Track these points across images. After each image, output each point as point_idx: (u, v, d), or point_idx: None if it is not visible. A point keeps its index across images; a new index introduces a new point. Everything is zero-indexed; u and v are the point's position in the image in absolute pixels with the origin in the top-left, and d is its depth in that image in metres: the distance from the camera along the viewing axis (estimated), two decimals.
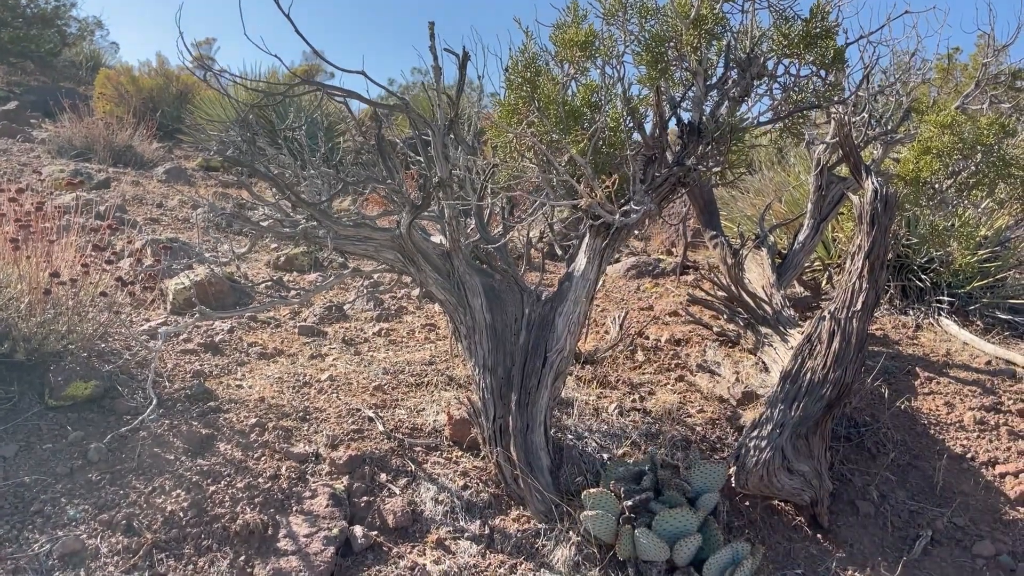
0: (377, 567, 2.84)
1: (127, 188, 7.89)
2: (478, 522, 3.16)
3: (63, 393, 3.31)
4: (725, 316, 5.32)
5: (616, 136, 2.99)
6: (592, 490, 3.04)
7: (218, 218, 6.81)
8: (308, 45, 2.76)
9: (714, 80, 3.15)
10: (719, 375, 4.61)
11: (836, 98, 3.32)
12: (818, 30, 3.09)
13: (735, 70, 3.10)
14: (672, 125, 3.18)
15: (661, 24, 3.07)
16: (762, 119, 3.28)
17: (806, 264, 5.74)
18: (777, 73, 3.22)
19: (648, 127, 3.18)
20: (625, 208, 2.82)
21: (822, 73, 3.21)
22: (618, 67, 3.10)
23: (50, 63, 17.30)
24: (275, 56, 2.71)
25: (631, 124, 3.12)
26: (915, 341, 5.41)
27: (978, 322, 5.78)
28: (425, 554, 2.94)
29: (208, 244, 6.46)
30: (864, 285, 3.51)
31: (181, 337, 4.29)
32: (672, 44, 3.06)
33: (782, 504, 3.55)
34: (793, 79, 3.23)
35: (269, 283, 5.34)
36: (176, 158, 10.89)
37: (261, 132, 3.21)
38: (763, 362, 4.67)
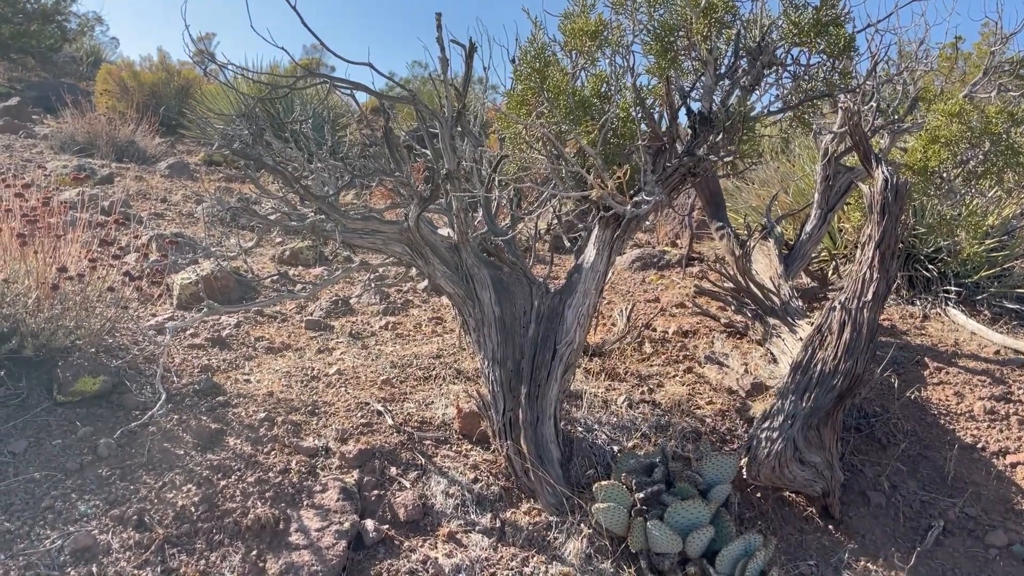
0: (389, 560, 2.83)
1: (131, 183, 7.88)
2: (489, 515, 3.15)
3: (71, 389, 3.30)
4: (732, 307, 5.30)
5: (626, 127, 2.97)
6: (603, 482, 3.03)
7: (223, 213, 6.80)
8: (314, 36, 2.75)
9: (724, 69, 3.13)
10: (728, 366, 4.60)
11: (846, 86, 3.30)
12: (828, 18, 3.06)
13: (745, 59, 3.08)
14: (682, 115, 3.15)
15: (670, 13, 3.04)
16: (772, 108, 3.26)
17: (813, 255, 5.72)
18: (787, 62, 3.20)
19: (658, 117, 3.15)
20: (636, 199, 2.81)
21: (832, 61, 3.19)
22: (627, 57, 3.08)
23: (51, 59, 17.27)
24: (282, 48, 2.70)
25: (641, 114, 3.09)
26: (923, 331, 5.39)
27: (985, 312, 5.76)
28: (437, 547, 2.93)
29: (213, 239, 6.45)
30: (875, 275, 3.49)
31: (188, 332, 4.28)
32: (682, 33, 3.03)
33: (793, 495, 3.54)
34: (804, 68, 3.20)
35: (275, 277, 5.33)
36: (179, 153, 10.87)
37: (267, 125, 3.19)
38: (772, 353, 4.65)
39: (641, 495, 2.98)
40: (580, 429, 3.65)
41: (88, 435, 3.11)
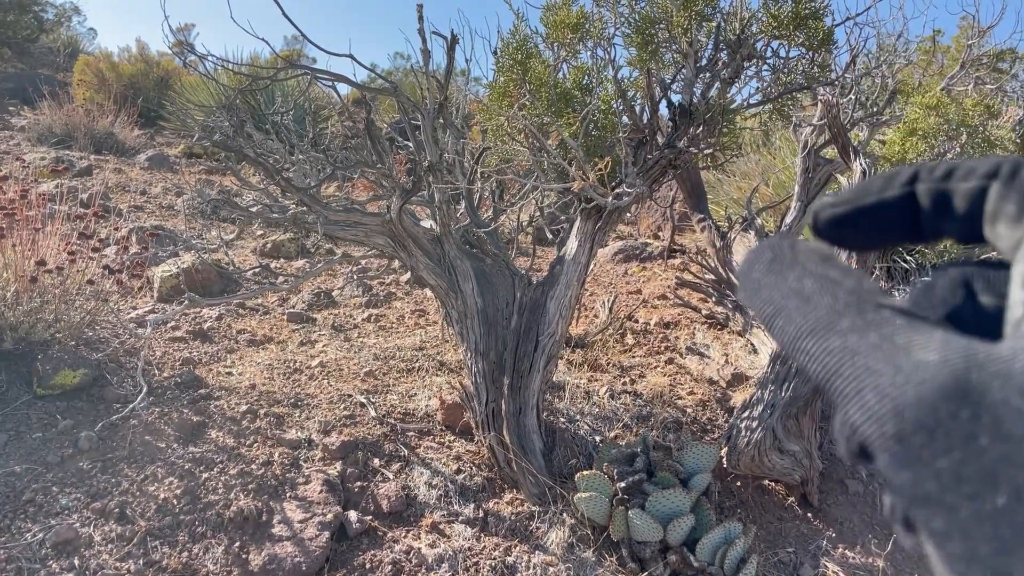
0: (372, 552, 2.84)
1: (110, 175, 7.81)
2: (472, 506, 3.16)
3: (52, 382, 3.28)
4: (714, 299, 5.34)
5: (607, 119, 2.98)
6: (585, 472, 3.05)
7: (204, 205, 6.75)
8: (294, 27, 2.73)
9: (704, 62, 3.14)
10: (708, 357, 4.64)
11: (825, 79, 3.33)
12: (807, 11, 3.08)
13: (725, 51, 3.09)
14: (663, 108, 3.17)
15: (651, 5, 3.05)
16: (752, 101, 3.28)
17: None
18: (766, 55, 3.22)
19: (639, 109, 3.17)
20: (617, 191, 2.82)
21: (811, 55, 3.21)
22: (609, 49, 3.09)
23: (27, 50, 17.05)
24: (262, 39, 2.69)
25: (622, 107, 3.11)
26: None
27: None
28: (420, 538, 2.95)
29: (194, 231, 6.41)
30: (852, 265, 3.53)
31: (169, 325, 4.26)
32: (662, 26, 3.05)
33: (773, 484, 3.58)
34: (783, 61, 3.23)
35: (257, 270, 5.30)
36: (158, 145, 10.77)
37: (248, 117, 3.18)
38: (752, 344, 4.70)
39: (622, 484, 3.00)
40: (562, 420, 3.68)
41: (69, 428, 3.09)
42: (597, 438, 3.57)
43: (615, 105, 3.04)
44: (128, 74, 12.81)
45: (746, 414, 3.43)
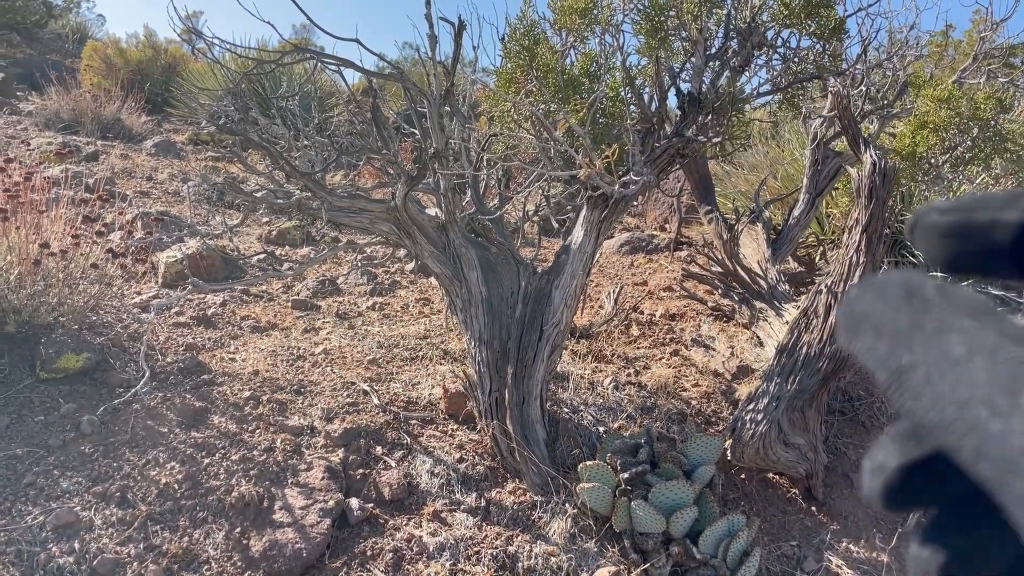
0: (373, 539, 2.83)
1: (116, 161, 7.79)
2: (474, 495, 3.15)
3: (54, 365, 3.27)
4: (720, 291, 5.31)
5: (615, 106, 2.95)
6: (588, 463, 3.03)
7: (209, 191, 6.74)
8: (300, 10, 2.71)
9: (714, 50, 3.11)
10: (714, 349, 4.61)
11: (836, 69, 3.29)
12: None
13: (735, 40, 3.06)
14: (671, 96, 3.14)
15: None
16: (762, 90, 3.25)
17: (800, 239, 5.73)
18: (777, 44, 3.18)
19: (647, 97, 3.14)
20: (624, 179, 2.79)
21: (822, 44, 3.18)
22: (617, 36, 3.05)
23: (36, 35, 17.04)
24: (268, 23, 2.66)
25: (630, 94, 3.08)
26: None
27: None
28: (421, 526, 2.94)
29: (199, 217, 6.39)
30: (861, 259, 3.50)
31: (173, 310, 4.25)
32: (672, 13, 3.01)
33: (777, 477, 3.56)
34: (793, 50, 3.19)
35: (262, 256, 5.29)
36: (165, 131, 10.75)
37: (253, 102, 3.16)
38: (758, 336, 4.67)
39: (626, 475, 2.98)
40: (566, 410, 3.66)
41: (71, 412, 3.09)
42: (601, 429, 3.56)
43: (623, 93, 3.01)
44: (136, 60, 12.78)
45: (751, 406, 3.40)
